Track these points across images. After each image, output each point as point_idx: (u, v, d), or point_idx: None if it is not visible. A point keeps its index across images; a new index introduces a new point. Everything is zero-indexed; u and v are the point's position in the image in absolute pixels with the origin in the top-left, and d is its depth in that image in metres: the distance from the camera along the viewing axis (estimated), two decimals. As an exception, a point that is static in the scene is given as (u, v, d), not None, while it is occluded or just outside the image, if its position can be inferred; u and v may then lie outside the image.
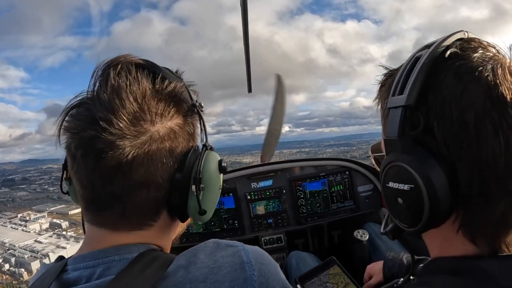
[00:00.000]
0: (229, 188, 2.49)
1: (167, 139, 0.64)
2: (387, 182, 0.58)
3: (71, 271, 0.62)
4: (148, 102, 0.62)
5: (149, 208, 0.65)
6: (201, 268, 0.62)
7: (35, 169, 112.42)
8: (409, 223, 0.56)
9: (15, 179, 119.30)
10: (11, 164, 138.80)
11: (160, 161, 0.63)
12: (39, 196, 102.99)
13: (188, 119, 0.69)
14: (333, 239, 2.84)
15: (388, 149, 0.57)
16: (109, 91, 0.60)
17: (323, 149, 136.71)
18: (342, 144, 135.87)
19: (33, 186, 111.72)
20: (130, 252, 0.63)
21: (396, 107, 0.55)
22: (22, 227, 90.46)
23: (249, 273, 0.64)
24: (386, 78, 0.66)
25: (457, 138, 0.50)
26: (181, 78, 0.70)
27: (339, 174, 2.52)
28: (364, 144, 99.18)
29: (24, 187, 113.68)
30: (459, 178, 0.51)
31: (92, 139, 0.58)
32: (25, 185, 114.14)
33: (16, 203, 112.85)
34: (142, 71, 0.64)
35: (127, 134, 0.59)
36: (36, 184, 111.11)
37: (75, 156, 0.61)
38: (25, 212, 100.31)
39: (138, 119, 0.60)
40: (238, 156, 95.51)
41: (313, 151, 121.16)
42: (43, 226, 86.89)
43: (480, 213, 0.52)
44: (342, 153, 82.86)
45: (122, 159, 0.59)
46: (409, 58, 0.58)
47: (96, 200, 0.63)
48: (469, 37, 0.57)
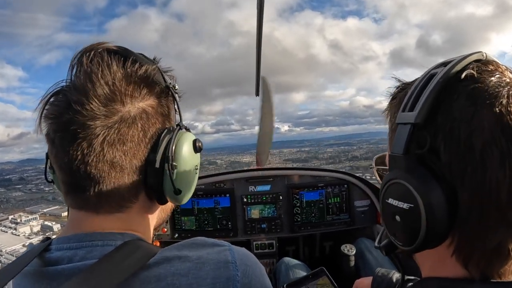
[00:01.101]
0: (226, 189, 2.50)
1: (139, 119, 0.65)
2: (386, 198, 0.57)
3: (54, 251, 0.63)
4: (119, 84, 0.64)
5: (126, 189, 0.66)
6: (184, 262, 0.63)
7: (33, 169, 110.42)
8: (404, 242, 0.56)
9: (12, 179, 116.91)
10: (10, 164, 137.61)
11: (132, 141, 0.64)
12: (33, 196, 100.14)
13: (162, 101, 0.70)
14: (325, 250, 2.84)
15: (392, 164, 0.57)
16: (82, 77, 0.63)
17: (323, 148, 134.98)
18: (342, 143, 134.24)
19: (29, 186, 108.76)
20: (115, 239, 0.64)
21: (405, 123, 0.54)
22: (12, 230, 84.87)
23: (232, 272, 0.64)
24: (398, 91, 0.65)
25: (462, 162, 0.49)
26: (154, 62, 0.71)
27: (337, 186, 2.52)
28: (364, 143, 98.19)
29: (20, 187, 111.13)
30: (460, 203, 0.50)
31: (68, 122, 0.61)
32: (21, 185, 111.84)
33: (10, 203, 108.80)
34: (114, 56, 0.66)
35: (98, 115, 0.61)
36: (32, 184, 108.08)
37: (53, 140, 0.63)
38: (17, 214, 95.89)
39: (109, 100, 0.62)
40: (238, 155, 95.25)
41: (313, 151, 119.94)
42: (34, 228, 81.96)
43: (476, 240, 0.51)
44: (343, 153, 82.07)
45: (94, 138, 0.60)
46: (424, 74, 0.58)
47: (74, 183, 0.64)
48: (487, 59, 0.56)
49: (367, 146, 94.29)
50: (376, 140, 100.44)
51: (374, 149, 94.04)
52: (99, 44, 0.67)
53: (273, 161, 79.10)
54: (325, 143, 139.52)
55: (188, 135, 0.72)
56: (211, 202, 2.48)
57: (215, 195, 2.49)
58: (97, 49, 0.66)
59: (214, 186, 2.51)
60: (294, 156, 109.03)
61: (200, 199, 2.47)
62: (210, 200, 2.48)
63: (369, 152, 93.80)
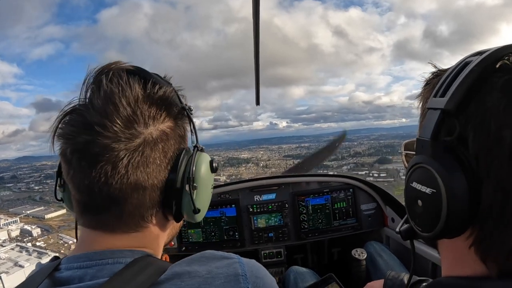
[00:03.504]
0: (231, 199, 2.49)
1: (160, 141, 0.66)
2: (411, 181, 0.57)
3: (64, 270, 0.63)
4: (140, 106, 0.64)
5: (145, 209, 0.66)
6: (194, 278, 0.62)
7: (29, 167, 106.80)
8: (424, 228, 0.56)
9: (5, 177, 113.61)
10: (6, 162, 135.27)
11: (154, 163, 0.65)
12: (21, 196, 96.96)
13: (179, 122, 0.72)
14: (333, 256, 2.81)
15: (419, 149, 0.56)
16: (102, 97, 0.62)
17: (323, 144, 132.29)
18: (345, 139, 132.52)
19: (20, 184, 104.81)
20: (124, 256, 0.64)
21: (435, 108, 0.54)
22: (-13, 235, 74.87)
23: (243, 285, 0.64)
24: (432, 77, 0.64)
25: (489, 154, 0.48)
26: (170, 83, 0.72)
27: (342, 191, 2.52)
28: (364, 139, 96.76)
29: (10, 186, 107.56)
30: (483, 195, 0.49)
31: (87, 143, 0.60)
32: (12, 183, 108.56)
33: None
34: (133, 77, 0.66)
35: (121, 137, 0.61)
36: (23, 183, 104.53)
37: (70, 161, 0.63)
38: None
39: (131, 122, 0.62)
40: (236, 151, 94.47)
41: (313, 146, 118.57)
42: (12, 233, 72.45)
43: (496, 235, 0.50)
44: (344, 149, 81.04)
45: (118, 161, 0.61)
46: (459, 62, 0.57)
47: (93, 204, 0.64)
48: None
49: (368, 142, 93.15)
50: (376, 136, 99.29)
51: (376, 145, 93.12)
52: (116, 64, 0.68)
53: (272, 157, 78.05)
54: (324, 139, 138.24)
55: (205, 156, 0.73)
56: (217, 213, 2.48)
57: (221, 206, 2.48)
58: (115, 69, 0.66)
59: (219, 197, 2.51)
60: (294, 152, 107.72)
61: (206, 211, 2.46)
62: (216, 212, 2.47)
63: (371, 148, 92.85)
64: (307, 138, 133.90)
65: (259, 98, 2.62)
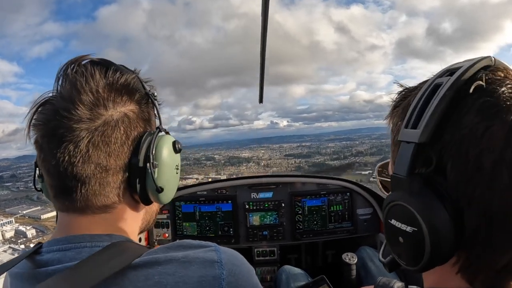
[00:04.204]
0: (228, 195, 2.50)
1: (121, 123, 0.69)
2: (389, 218, 0.55)
3: (45, 253, 0.67)
4: (102, 91, 0.68)
5: (110, 189, 0.69)
6: (171, 262, 0.65)
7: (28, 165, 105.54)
8: (408, 262, 0.54)
9: (4, 176, 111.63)
10: (6, 161, 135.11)
11: (115, 143, 0.68)
12: (19, 195, 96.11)
13: (143, 107, 0.75)
14: (327, 258, 2.82)
15: (394, 185, 0.54)
16: (67, 86, 0.68)
17: (324, 143, 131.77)
18: (343, 138, 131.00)
19: (19, 184, 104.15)
20: (102, 240, 0.67)
21: (408, 142, 0.51)
22: (-19, 236, 70.64)
23: (218, 271, 0.66)
24: (400, 100, 0.61)
25: (470, 183, 0.46)
26: (134, 72, 0.76)
27: (340, 194, 2.51)
28: (365, 138, 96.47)
29: (9, 185, 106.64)
30: (466, 223, 0.48)
31: (55, 127, 0.65)
32: (11, 182, 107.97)
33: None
34: (96, 67, 0.71)
35: (83, 118, 0.65)
36: (22, 182, 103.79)
37: (41, 146, 0.67)
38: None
39: (93, 105, 0.67)
40: (236, 150, 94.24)
41: (315, 145, 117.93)
42: (7, 234, 71.10)
43: (483, 260, 0.50)
44: (346, 148, 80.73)
45: (79, 140, 0.65)
46: (428, 84, 0.54)
47: (61, 185, 0.67)
48: (496, 65, 0.52)
49: (370, 141, 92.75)
50: (377, 135, 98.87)
51: (378, 144, 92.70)
52: (83, 57, 0.73)
53: (273, 156, 77.51)
54: (325, 138, 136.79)
55: (167, 137, 0.77)
56: (213, 208, 2.49)
57: (217, 202, 2.49)
58: (81, 61, 0.72)
59: (216, 193, 2.51)
60: (296, 151, 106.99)
61: (202, 205, 2.48)
62: (212, 206, 2.49)
63: (373, 147, 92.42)
64: (308, 137, 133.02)
65: (263, 96, 2.62)
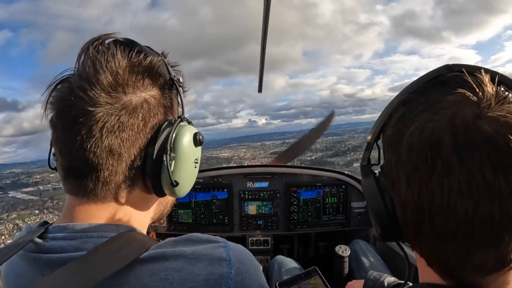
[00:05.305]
0: (224, 184, 2.50)
1: (140, 109, 0.65)
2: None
3: (50, 240, 0.64)
4: (122, 73, 0.64)
5: (123, 177, 0.66)
6: (178, 258, 0.62)
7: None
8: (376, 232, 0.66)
9: None
10: None
11: (131, 129, 0.64)
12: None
13: (165, 93, 0.71)
14: (319, 250, 2.85)
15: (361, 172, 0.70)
16: (87, 65, 0.64)
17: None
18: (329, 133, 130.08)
19: None
20: (109, 231, 0.64)
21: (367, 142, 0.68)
22: None
23: (225, 270, 0.64)
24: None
25: (388, 177, 0.59)
26: (160, 55, 0.72)
27: (335, 186, 2.52)
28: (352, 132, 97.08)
29: None
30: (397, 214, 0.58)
31: (69, 107, 0.62)
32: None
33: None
34: (120, 47, 0.67)
35: (99, 101, 0.61)
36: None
37: (56, 125, 0.65)
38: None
39: (111, 88, 0.63)
40: (215, 150, 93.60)
41: None
42: None
43: (432, 249, 0.54)
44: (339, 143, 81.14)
45: (93, 125, 0.61)
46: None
47: (73, 168, 0.65)
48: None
49: (359, 135, 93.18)
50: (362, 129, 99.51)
51: None
52: (107, 35, 0.69)
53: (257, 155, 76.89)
54: None
55: (189, 127, 0.72)
56: (208, 196, 2.49)
57: (213, 190, 2.49)
58: (104, 40, 0.68)
59: (212, 181, 2.51)
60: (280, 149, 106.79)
61: (197, 192, 2.48)
62: (208, 194, 2.49)
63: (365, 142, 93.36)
64: (290, 134, 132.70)
65: (262, 85, 2.60)
